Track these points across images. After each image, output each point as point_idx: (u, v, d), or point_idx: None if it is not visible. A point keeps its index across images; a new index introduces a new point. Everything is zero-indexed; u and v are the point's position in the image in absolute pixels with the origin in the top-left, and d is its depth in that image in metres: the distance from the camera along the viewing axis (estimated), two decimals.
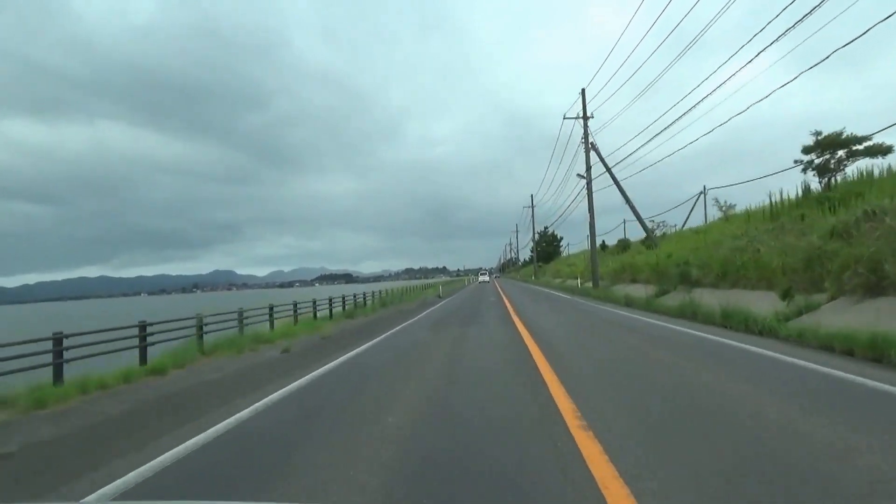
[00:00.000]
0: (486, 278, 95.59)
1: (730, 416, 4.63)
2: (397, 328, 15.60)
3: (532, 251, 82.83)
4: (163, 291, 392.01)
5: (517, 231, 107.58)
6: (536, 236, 79.51)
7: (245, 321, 14.66)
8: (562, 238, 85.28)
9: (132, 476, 3.95)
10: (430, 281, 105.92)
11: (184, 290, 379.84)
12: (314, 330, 15.93)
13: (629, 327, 12.42)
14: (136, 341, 10.17)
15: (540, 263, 77.73)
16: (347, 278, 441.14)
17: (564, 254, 78.20)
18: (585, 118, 28.07)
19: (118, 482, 3.84)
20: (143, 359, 10.01)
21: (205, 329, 12.31)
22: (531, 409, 5.19)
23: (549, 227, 79.74)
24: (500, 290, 38.78)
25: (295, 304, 19.11)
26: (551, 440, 4.14)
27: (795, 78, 13.47)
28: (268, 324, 15.98)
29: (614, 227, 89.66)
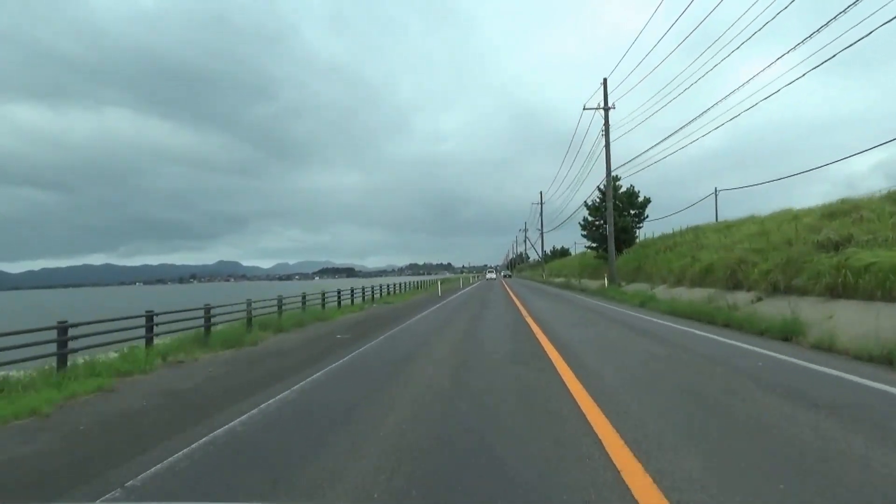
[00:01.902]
0: (493, 276, 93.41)
1: None
2: None
3: (591, 216, 37.56)
4: (159, 281, 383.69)
5: (542, 202, 71.14)
6: (597, 195, 36.79)
7: None
8: (647, 201, 37.14)
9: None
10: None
11: (181, 281, 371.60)
12: None
13: None
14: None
15: (600, 251, 36.16)
16: (349, 272, 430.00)
17: (641, 236, 37.16)
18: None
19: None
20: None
21: None
22: None
23: (619, 179, 34.33)
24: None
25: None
26: None
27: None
28: None
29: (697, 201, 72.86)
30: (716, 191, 54.21)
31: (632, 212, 36.78)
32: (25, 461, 4.37)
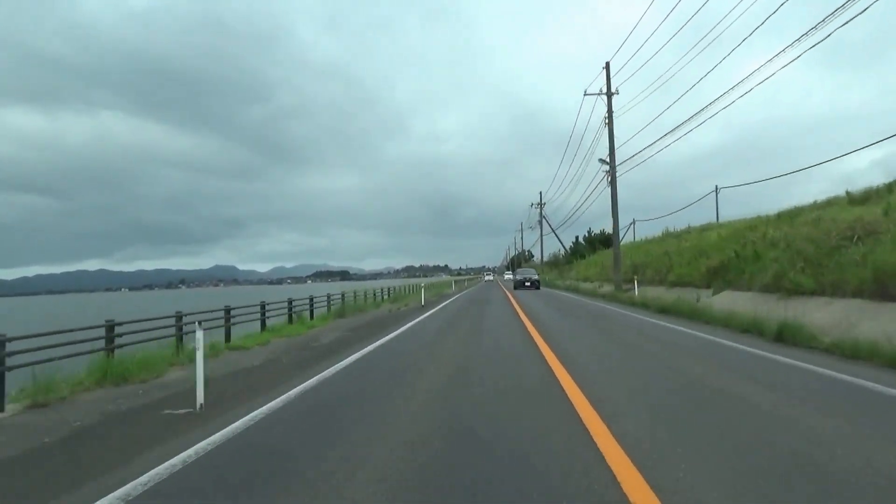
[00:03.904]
0: (491, 277, 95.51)
1: None
2: None
3: None
4: (146, 287, 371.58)
5: (609, 112, 25.77)
6: None
7: None
8: None
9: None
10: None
11: (169, 286, 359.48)
12: None
13: None
14: None
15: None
16: (343, 275, 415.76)
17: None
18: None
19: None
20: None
21: None
22: None
23: None
24: None
25: None
26: None
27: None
28: None
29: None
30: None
31: None
32: None
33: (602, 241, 56.09)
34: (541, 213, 65.79)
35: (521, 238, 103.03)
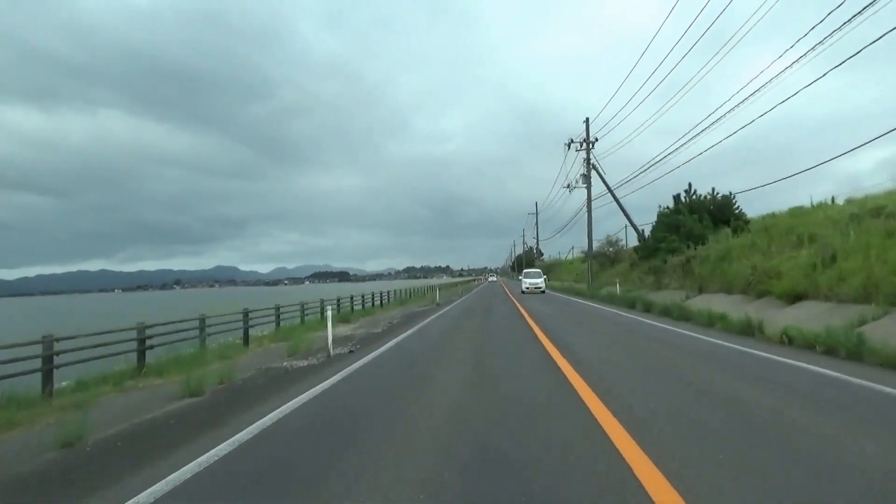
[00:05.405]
0: (494, 278, 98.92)
1: None
2: None
3: None
4: (139, 288, 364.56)
5: None
6: None
7: None
8: None
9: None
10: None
11: (164, 287, 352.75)
12: None
13: None
14: None
15: None
16: (342, 277, 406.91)
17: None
18: None
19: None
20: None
21: None
22: None
23: None
24: None
25: None
26: None
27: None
28: None
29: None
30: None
31: None
32: None
33: (723, 208, 25.31)
34: (587, 157, 35.68)
35: (536, 223, 78.58)
